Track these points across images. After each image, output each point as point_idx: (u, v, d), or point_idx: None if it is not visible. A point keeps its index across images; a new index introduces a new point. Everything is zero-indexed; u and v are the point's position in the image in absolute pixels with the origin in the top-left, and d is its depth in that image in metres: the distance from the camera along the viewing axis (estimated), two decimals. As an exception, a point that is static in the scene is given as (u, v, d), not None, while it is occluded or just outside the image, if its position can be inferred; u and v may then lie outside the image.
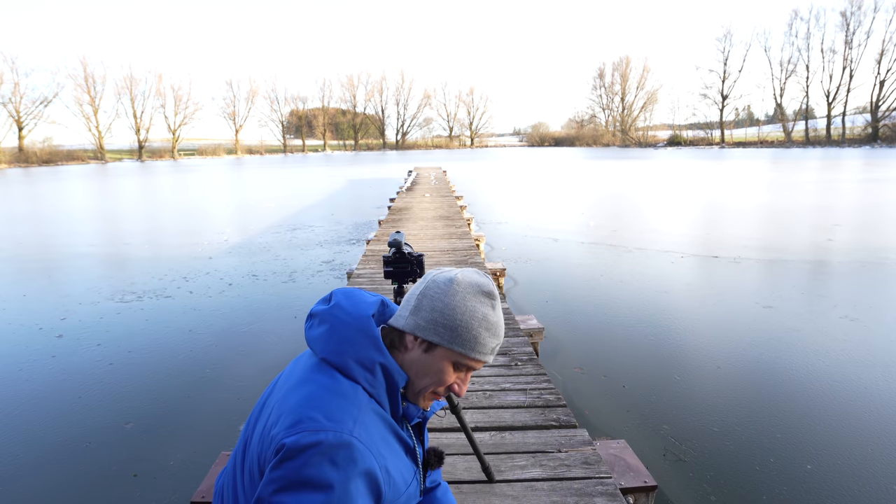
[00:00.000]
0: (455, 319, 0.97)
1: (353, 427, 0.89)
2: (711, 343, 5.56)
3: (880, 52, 70.28)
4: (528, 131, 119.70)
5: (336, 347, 0.98)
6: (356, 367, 0.96)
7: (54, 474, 3.55)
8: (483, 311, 0.99)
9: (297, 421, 0.88)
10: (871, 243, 10.47)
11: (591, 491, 2.25)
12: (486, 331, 0.99)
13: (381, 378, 0.97)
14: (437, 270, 1.05)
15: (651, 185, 24.61)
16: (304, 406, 0.90)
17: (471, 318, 0.98)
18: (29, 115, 72.15)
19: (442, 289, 0.99)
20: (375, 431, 0.93)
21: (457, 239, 8.61)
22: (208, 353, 5.59)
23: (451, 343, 0.98)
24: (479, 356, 1.00)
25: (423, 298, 1.00)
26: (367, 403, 0.95)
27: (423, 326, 0.98)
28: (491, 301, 1.01)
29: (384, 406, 0.99)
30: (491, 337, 1.00)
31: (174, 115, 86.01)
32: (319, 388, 0.93)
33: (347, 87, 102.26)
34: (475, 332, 0.98)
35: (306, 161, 64.94)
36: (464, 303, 0.98)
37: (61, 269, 9.86)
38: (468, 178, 30.35)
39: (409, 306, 1.01)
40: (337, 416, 0.89)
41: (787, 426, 3.90)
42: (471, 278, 1.01)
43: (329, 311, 1.03)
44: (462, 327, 0.97)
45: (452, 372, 1.01)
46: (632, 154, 63.23)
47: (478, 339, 0.98)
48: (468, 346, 0.98)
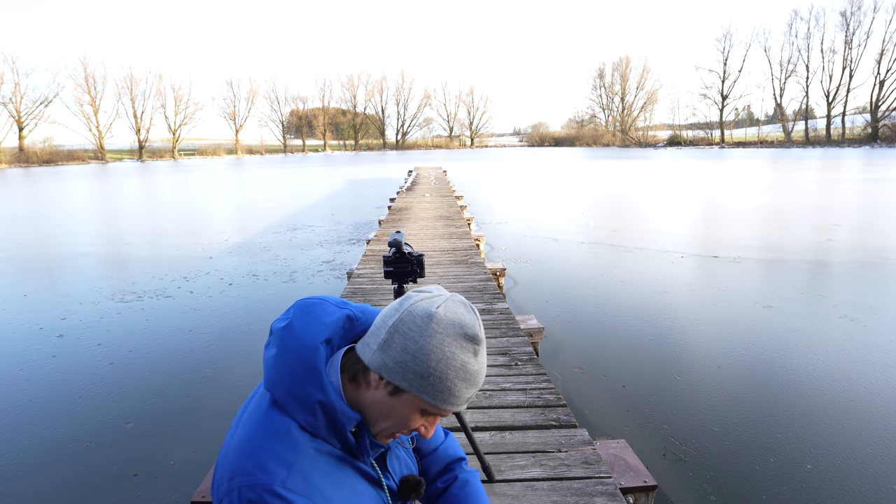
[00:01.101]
0: (428, 367, 0.84)
1: (287, 477, 0.82)
2: (711, 343, 5.56)
3: (880, 52, 70.34)
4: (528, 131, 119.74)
5: (275, 380, 0.88)
6: (294, 404, 0.87)
7: (54, 474, 3.55)
8: (462, 360, 0.85)
9: (232, 474, 0.83)
10: (871, 243, 10.47)
11: (591, 491, 2.25)
12: (462, 381, 0.86)
13: (322, 419, 0.87)
14: (417, 294, 0.90)
15: (651, 185, 24.61)
16: (239, 452, 0.85)
17: (447, 367, 0.84)
18: (29, 116, 72.25)
19: (418, 326, 0.85)
20: (318, 473, 0.86)
21: (457, 239, 8.61)
22: (208, 353, 5.59)
23: (421, 392, 0.85)
24: (451, 407, 0.88)
25: (394, 333, 0.86)
26: (306, 443, 0.86)
27: (390, 367, 0.85)
28: (473, 347, 0.86)
29: (332, 442, 0.89)
30: (467, 388, 0.87)
31: (174, 115, 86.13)
32: (255, 428, 0.87)
33: (347, 87, 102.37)
34: (449, 383, 0.85)
35: (306, 161, 64.95)
36: (440, 348, 0.84)
37: (62, 269, 9.87)
38: (468, 178, 30.35)
39: (378, 338, 0.87)
40: (268, 466, 0.82)
41: (787, 426, 3.90)
42: (454, 316, 0.86)
43: (279, 333, 0.92)
44: (435, 377, 0.84)
45: (419, 418, 0.90)
46: (632, 154, 63.23)
47: (452, 390, 0.86)
48: (439, 398, 0.86)
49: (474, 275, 6.26)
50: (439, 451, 1.20)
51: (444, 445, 1.22)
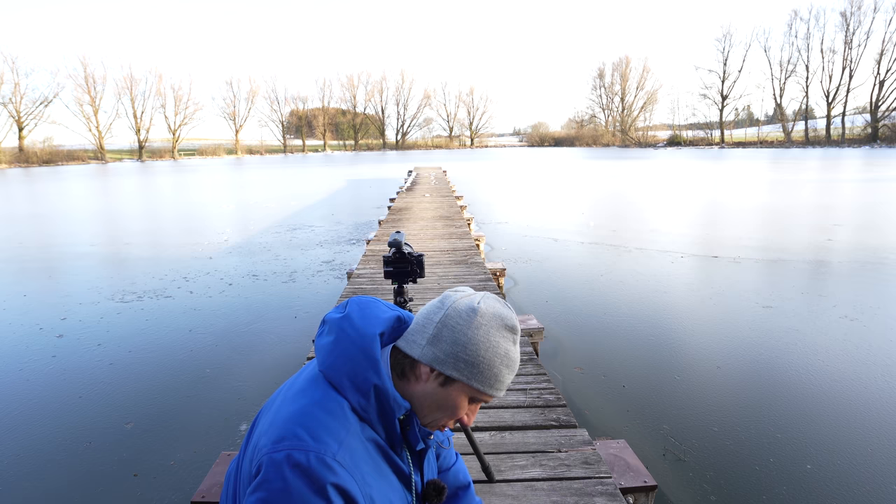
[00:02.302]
0: (478, 356, 0.92)
1: (338, 450, 0.85)
2: (711, 343, 5.56)
3: (880, 52, 70.35)
4: (528, 131, 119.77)
5: (335, 363, 0.94)
6: (350, 387, 0.92)
7: (54, 474, 3.55)
8: (506, 348, 0.94)
9: (281, 437, 0.86)
10: (871, 243, 10.47)
11: (591, 491, 2.25)
12: (506, 368, 0.95)
13: (373, 403, 0.92)
14: (455, 293, 0.99)
15: (651, 185, 24.61)
16: (292, 422, 0.88)
17: (494, 355, 0.93)
18: (29, 116, 72.23)
19: (465, 320, 0.93)
20: (363, 456, 0.90)
21: (457, 239, 8.61)
22: (208, 353, 5.59)
23: (471, 379, 0.93)
24: (496, 392, 0.97)
25: (442, 328, 0.93)
26: (357, 427, 0.91)
27: (442, 360, 0.93)
28: (514, 336, 0.96)
29: (378, 430, 0.94)
30: (509, 373, 0.96)
31: (174, 115, 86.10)
32: (311, 403, 0.90)
33: (347, 87, 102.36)
34: (497, 369, 0.94)
35: (306, 161, 64.95)
36: (487, 338, 0.93)
37: (62, 269, 9.87)
38: (468, 178, 30.35)
39: (426, 334, 0.95)
40: (322, 437, 0.86)
41: (787, 426, 3.90)
42: (494, 309, 0.95)
43: (338, 323, 0.98)
44: (485, 364, 0.93)
45: (465, 404, 0.98)
46: (632, 154, 63.23)
47: (498, 376, 0.94)
48: (487, 384, 0.94)
49: (474, 275, 6.26)
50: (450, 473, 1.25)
51: (455, 468, 1.27)
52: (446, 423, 1.00)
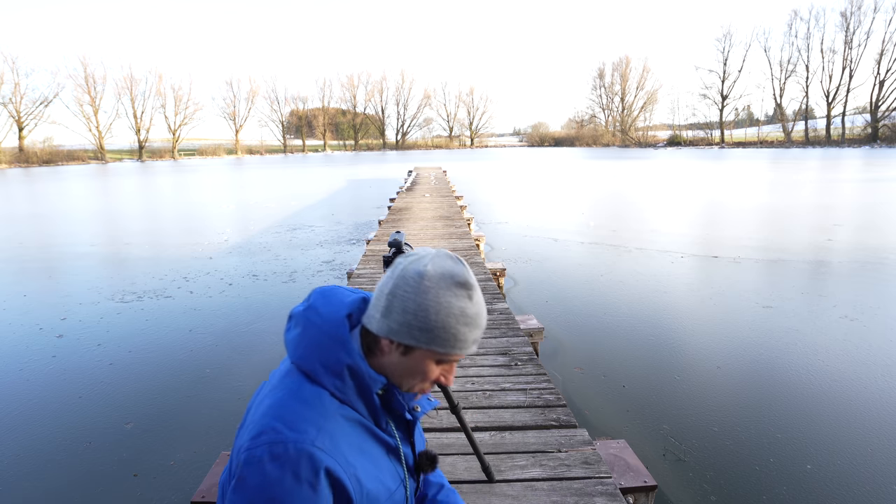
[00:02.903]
0: (429, 320, 0.89)
1: (316, 436, 0.85)
2: (711, 343, 5.56)
3: (880, 52, 70.35)
4: (528, 131, 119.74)
5: (305, 352, 0.94)
6: (323, 372, 0.92)
7: (54, 474, 3.55)
8: (460, 306, 0.90)
9: (259, 432, 0.86)
10: (871, 243, 10.47)
11: (591, 491, 2.25)
12: (464, 326, 0.91)
13: (350, 382, 0.92)
14: (405, 258, 0.96)
15: (651, 185, 24.61)
16: (268, 416, 0.88)
17: (447, 315, 0.89)
18: (29, 116, 72.24)
19: (412, 287, 0.90)
20: (344, 439, 0.89)
21: (457, 239, 8.61)
22: (208, 353, 5.59)
23: (430, 344, 0.91)
24: (461, 351, 0.94)
25: (392, 299, 0.91)
26: (335, 409, 0.91)
27: (396, 330, 0.91)
28: (467, 292, 0.91)
29: (359, 410, 0.94)
30: (471, 330, 0.93)
31: (174, 115, 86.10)
32: (286, 395, 0.90)
33: (347, 87, 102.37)
34: (453, 330, 0.90)
35: (306, 161, 64.95)
36: (437, 300, 0.89)
37: (61, 269, 9.87)
38: (468, 178, 30.35)
39: (379, 307, 0.93)
40: (299, 426, 0.85)
41: (787, 426, 3.90)
42: (442, 268, 0.91)
43: (303, 314, 0.98)
44: (438, 328, 0.90)
45: (436, 368, 0.96)
46: (632, 154, 63.23)
47: (457, 336, 0.91)
48: (448, 345, 0.91)
49: (474, 275, 6.25)
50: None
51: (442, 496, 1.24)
52: (426, 387, 0.99)
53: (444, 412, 2.97)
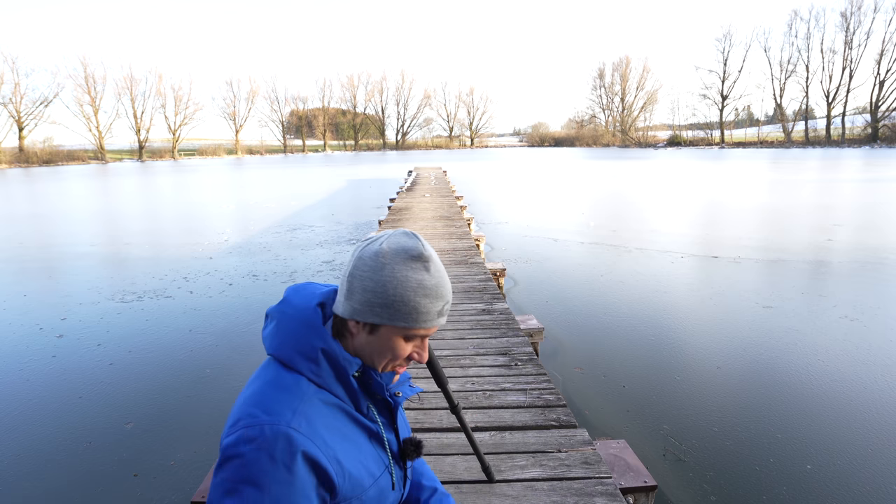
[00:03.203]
0: (388, 296, 0.91)
1: (292, 418, 0.86)
2: (711, 343, 5.56)
3: (880, 52, 70.36)
4: (528, 131, 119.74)
5: (280, 342, 0.96)
6: (299, 358, 0.93)
7: (54, 474, 3.55)
8: (417, 279, 0.92)
9: (236, 419, 0.87)
10: (871, 243, 10.46)
11: (591, 491, 2.25)
12: (424, 298, 0.92)
13: (326, 366, 0.94)
14: (365, 241, 0.98)
15: (651, 185, 24.61)
16: (246, 403, 0.89)
17: (404, 290, 0.91)
18: (29, 116, 72.26)
19: (369, 266, 0.92)
20: (321, 421, 0.90)
21: (457, 239, 8.61)
22: (208, 353, 5.59)
23: (393, 320, 0.92)
24: (426, 325, 0.94)
25: (353, 280, 0.93)
26: (312, 394, 0.92)
27: (359, 310, 0.93)
28: (423, 264, 0.93)
29: (337, 394, 0.95)
30: (432, 301, 0.93)
31: (174, 115, 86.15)
32: (264, 384, 0.92)
33: (347, 87, 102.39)
34: (413, 302, 0.91)
35: (306, 161, 64.95)
36: (393, 276, 0.91)
37: (61, 269, 9.87)
38: (468, 178, 30.35)
39: (342, 290, 0.95)
40: (275, 409, 0.87)
41: (787, 426, 3.90)
42: (397, 244, 0.93)
43: (277, 308, 1.00)
44: (398, 302, 0.91)
45: (405, 344, 0.96)
46: (632, 154, 63.22)
47: (418, 308, 0.92)
48: (410, 319, 0.93)
49: (474, 275, 6.26)
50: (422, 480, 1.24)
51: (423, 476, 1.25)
52: (399, 366, 1.00)
53: (444, 412, 2.97)
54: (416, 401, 3.11)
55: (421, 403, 3.09)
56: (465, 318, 4.68)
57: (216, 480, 0.85)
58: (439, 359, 3.40)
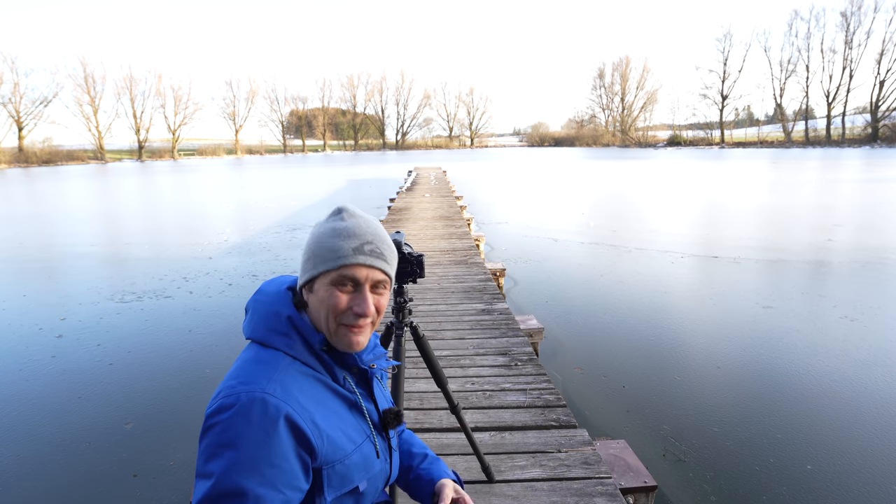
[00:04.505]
0: (310, 248, 1.00)
1: (266, 384, 0.90)
2: (711, 343, 5.56)
3: (880, 52, 70.36)
4: (528, 131, 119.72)
5: (256, 325, 1.01)
6: (272, 335, 0.98)
7: (54, 474, 3.55)
8: (329, 226, 1.01)
9: (217, 393, 0.92)
10: (871, 243, 10.46)
11: (591, 491, 2.25)
12: (336, 238, 0.98)
13: (297, 338, 0.98)
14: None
15: (651, 185, 24.61)
16: (226, 380, 0.94)
17: (319, 237, 1.00)
18: (29, 115, 72.25)
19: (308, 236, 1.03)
20: (298, 388, 0.93)
21: (457, 239, 8.61)
22: (208, 353, 5.59)
23: (315, 268, 0.98)
24: (346, 261, 0.97)
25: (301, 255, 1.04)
26: (288, 364, 0.96)
27: (301, 276, 1.02)
28: (339, 215, 1.02)
29: (311, 365, 0.99)
30: (346, 240, 0.98)
31: (174, 115, 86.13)
32: (241, 361, 0.97)
33: (347, 87, 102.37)
34: (327, 244, 0.98)
35: (306, 161, 64.94)
36: (316, 230, 1.01)
37: (61, 269, 9.86)
38: (468, 178, 30.34)
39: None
40: (251, 379, 0.91)
41: (787, 426, 3.90)
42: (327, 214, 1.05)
43: (252, 299, 1.06)
44: (315, 248, 0.99)
45: (338, 293, 0.98)
46: (632, 154, 63.22)
47: (331, 248, 0.98)
48: (328, 260, 0.98)
49: (474, 275, 6.26)
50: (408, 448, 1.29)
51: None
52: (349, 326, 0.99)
53: (444, 412, 2.97)
54: (416, 401, 3.11)
55: (421, 403, 3.09)
56: (465, 318, 4.68)
57: (200, 448, 0.89)
58: (439, 359, 3.40)
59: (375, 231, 1.03)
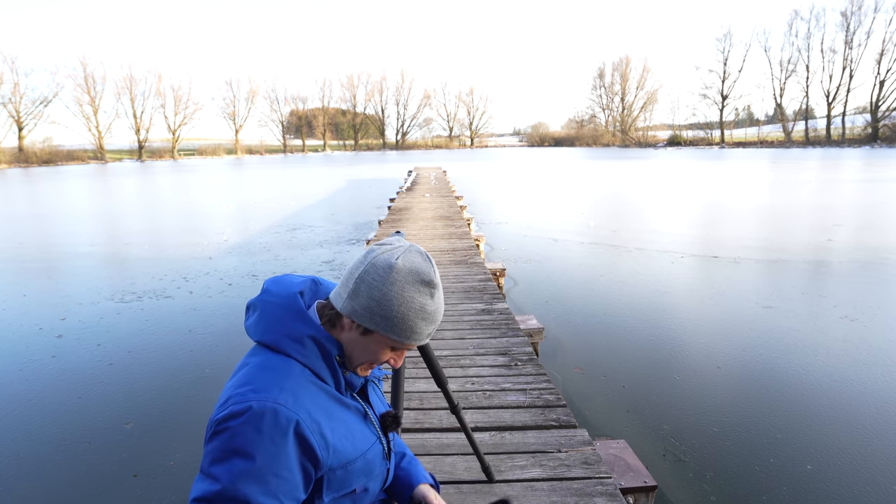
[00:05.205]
0: (392, 310, 0.96)
1: (279, 394, 0.90)
2: (711, 343, 5.56)
3: (880, 52, 70.30)
4: (528, 131, 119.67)
5: (266, 328, 1.00)
6: (286, 341, 0.98)
7: (54, 474, 3.55)
8: (421, 302, 0.98)
9: (226, 399, 0.91)
10: (871, 243, 10.46)
11: (591, 491, 2.25)
12: (422, 321, 0.99)
13: (312, 348, 0.99)
14: (379, 247, 1.02)
15: (651, 185, 24.61)
16: (235, 386, 0.93)
17: (408, 309, 0.97)
18: (29, 115, 72.22)
19: (381, 276, 0.96)
20: (308, 398, 0.94)
21: (457, 239, 8.61)
22: (208, 353, 5.59)
23: (388, 332, 0.98)
24: (415, 342, 1.01)
25: (361, 284, 0.97)
26: (299, 373, 0.96)
27: (360, 313, 0.98)
28: (430, 290, 0.99)
29: (323, 376, 1.00)
30: (427, 325, 1.00)
31: (174, 115, 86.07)
32: (252, 367, 0.97)
33: (347, 87, 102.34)
34: (411, 322, 0.98)
35: (306, 161, 64.93)
36: (401, 293, 0.96)
37: (61, 269, 9.86)
38: (468, 178, 30.34)
39: (347, 288, 0.99)
40: (263, 387, 0.91)
41: (787, 426, 3.90)
42: (411, 265, 0.98)
43: (259, 299, 1.05)
44: (398, 318, 0.97)
45: (389, 352, 1.03)
46: (632, 154, 63.22)
47: (413, 328, 0.98)
48: (404, 336, 0.98)
49: (474, 275, 6.26)
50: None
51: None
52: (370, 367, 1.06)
53: (444, 412, 2.97)
54: (416, 401, 3.11)
55: (421, 403, 3.09)
56: (465, 318, 4.68)
57: (205, 451, 0.90)
58: (439, 359, 3.40)
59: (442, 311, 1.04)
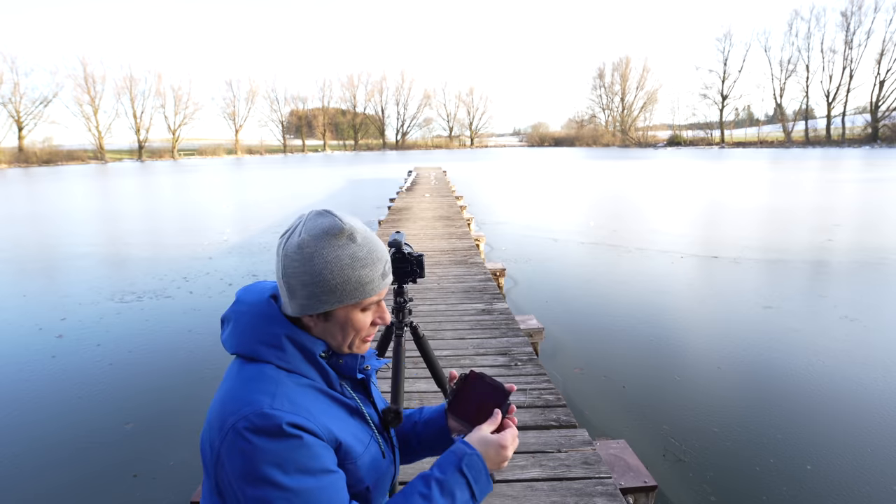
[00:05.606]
0: (329, 281, 0.91)
1: (272, 401, 0.87)
2: (711, 343, 5.56)
3: (880, 52, 70.40)
4: (528, 131, 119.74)
5: (241, 338, 0.96)
6: (263, 348, 0.93)
7: (54, 474, 3.55)
8: (349, 254, 0.92)
9: (222, 421, 0.87)
10: (871, 243, 10.46)
11: (591, 491, 2.25)
12: (362, 268, 0.93)
13: (292, 349, 0.94)
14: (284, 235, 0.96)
15: (651, 185, 24.61)
16: (223, 404, 0.89)
17: (340, 268, 0.92)
18: (29, 115, 72.31)
19: (298, 259, 0.92)
20: (302, 400, 0.90)
21: (457, 239, 8.61)
22: (208, 353, 5.59)
23: (342, 301, 0.93)
24: (374, 292, 0.96)
25: (289, 280, 0.93)
26: (285, 378, 0.92)
27: (307, 304, 0.93)
28: (347, 237, 0.93)
29: (308, 375, 0.95)
30: (370, 269, 0.95)
31: (174, 115, 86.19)
32: (234, 382, 0.92)
33: (347, 87, 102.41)
34: (354, 277, 0.93)
35: (306, 161, 64.93)
36: (324, 260, 0.91)
37: (61, 270, 9.86)
38: (468, 178, 30.34)
39: (284, 292, 0.95)
40: (254, 399, 0.87)
41: (787, 426, 3.90)
42: (314, 229, 0.93)
43: (231, 309, 1.01)
44: (340, 283, 0.92)
45: (363, 315, 0.98)
46: (632, 154, 63.22)
47: (361, 281, 0.93)
48: (358, 294, 0.94)
49: (474, 275, 6.26)
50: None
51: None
52: (365, 338, 1.00)
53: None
54: (416, 401, 3.11)
55: (421, 403, 3.09)
56: (465, 318, 4.68)
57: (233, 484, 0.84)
58: (439, 359, 3.40)
59: (381, 245, 0.99)
